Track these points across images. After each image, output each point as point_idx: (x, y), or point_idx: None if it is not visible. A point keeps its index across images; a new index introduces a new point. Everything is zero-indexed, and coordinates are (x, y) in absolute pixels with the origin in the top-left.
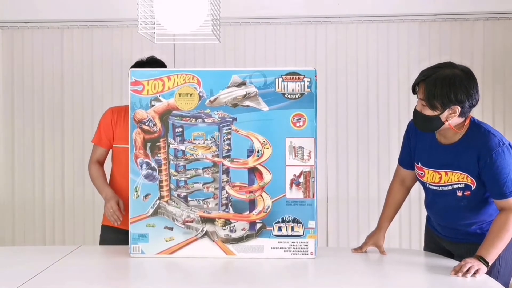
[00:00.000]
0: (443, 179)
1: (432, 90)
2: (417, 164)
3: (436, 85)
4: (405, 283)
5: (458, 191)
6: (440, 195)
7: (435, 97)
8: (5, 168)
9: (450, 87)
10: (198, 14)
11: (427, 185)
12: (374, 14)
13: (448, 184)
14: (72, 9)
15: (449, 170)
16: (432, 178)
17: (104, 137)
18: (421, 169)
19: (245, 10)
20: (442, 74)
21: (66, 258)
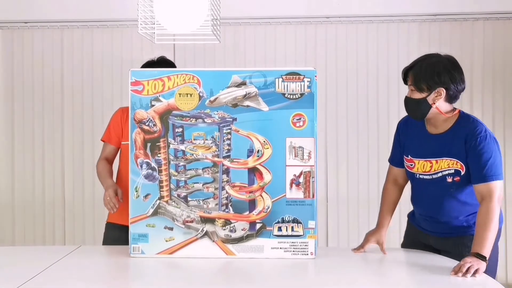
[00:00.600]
0: (433, 167)
1: (419, 74)
2: (406, 157)
3: (422, 69)
4: (406, 283)
5: (448, 177)
6: (430, 184)
7: (421, 80)
8: (5, 168)
9: (434, 69)
10: (198, 14)
11: (417, 175)
12: (374, 14)
13: (439, 171)
14: (72, 9)
15: (439, 158)
16: (423, 167)
17: (114, 135)
18: (411, 161)
19: (245, 10)
20: (428, 60)
21: (66, 258)
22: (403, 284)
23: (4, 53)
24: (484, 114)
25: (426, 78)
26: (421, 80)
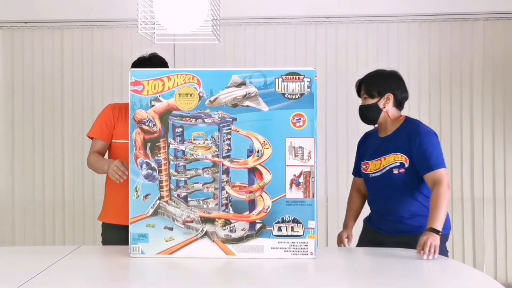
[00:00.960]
0: (382, 163)
1: (370, 83)
2: (363, 162)
3: (372, 79)
4: (406, 283)
5: (394, 169)
6: (380, 181)
7: (372, 88)
8: (5, 168)
9: (382, 78)
10: (198, 14)
11: (370, 175)
12: (374, 14)
13: (386, 166)
14: (72, 9)
15: (387, 155)
16: (374, 166)
17: (106, 130)
18: (366, 164)
19: (245, 10)
20: (376, 72)
21: (66, 258)
22: (403, 283)
23: (4, 53)
24: (484, 114)
25: (376, 85)
26: (372, 88)
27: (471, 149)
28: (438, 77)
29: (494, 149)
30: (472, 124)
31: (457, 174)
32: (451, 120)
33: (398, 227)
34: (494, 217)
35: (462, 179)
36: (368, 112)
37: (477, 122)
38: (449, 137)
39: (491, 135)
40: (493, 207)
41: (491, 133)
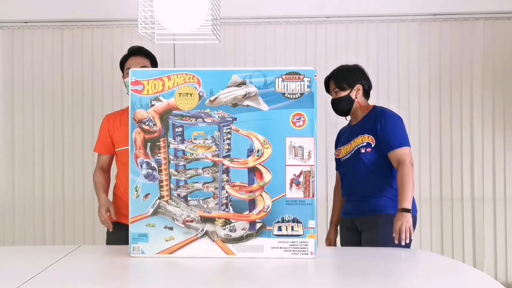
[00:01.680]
0: (352, 146)
1: (339, 77)
2: (335, 150)
3: (340, 73)
4: (406, 282)
5: (362, 148)
6: (350, 162)
7: (342, 81)
8: (5, 168)
9: (349, 71)
10: (198, 14)
11: (342, 159)
12: (374, 14)
13: (355, 147)
14: (72, 9)
15: (355, 138)
16: (345, 151)
17: (104, 144)
18: (338, 151)
19: (245, 10)
20: (341, 67)
21: (66, 258)
22: (403, 283)
23: (4, 53)
24: (484, 114)
25: (345, 78)
26: (341, 81)
27: (471, 149)
28: (438, 76)
29: (494, 148)
30: (472, 123)
31: (457, 174)
32: (451, 120)
33: (364, 206)
34: (494, 217)
35: (462, 179)
36: (341, 104)
37: (477, 122)
38: (449, 137)
39: (491, 135)
40: (493, 207)
41: (491, 133)
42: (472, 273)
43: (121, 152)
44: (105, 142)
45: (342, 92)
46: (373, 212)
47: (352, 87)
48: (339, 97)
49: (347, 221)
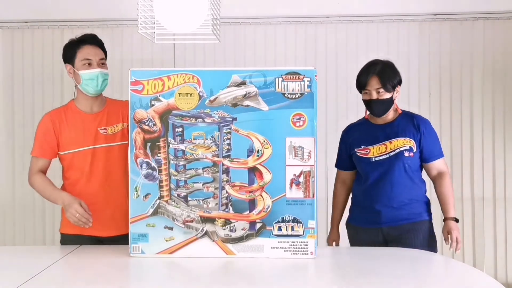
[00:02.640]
0: (388, 147)
1: (385, 77)
2: (359, 148)
3: (387, 72)
4: (406, 282)
5: (405, 151)
6: (385, 163)
7: (389, 82)
8: (5, 168)
9: (393, 72)
10: (198, 13)
11: (373, 159)
12: (374, 14)
13: (396, 149)
14: (72, 9)
15: (393, 139)
16: (378, 150)
17: (47, 147)
18: (366, 149)
19: (245, 10)
20: (383, 65)
21: (66, 258)
22: (403, 283)
23: (4, 53)
24: (484, 114)
25: (392, 80)
26: (388, 82)
27: (471, 149)
28: (438, 76)
29: (494, 148)
30: (472, 123)
31: (457, 174)
32: (451, 120)
33: (399, 214)
34: (494, 217)
35: (462, 179)
36: (383, 106)
37: (477, 122)
38: (449, 137)
39: (491, 135)
40: (493, 207)
41: (491, 133)
42: (472, 273)
43: (70, 155)
44: (49, 143)
45: (387, 93)
46: (408, 220)
47: (395, 88)
48: (383, 99)
49: (371, 231)
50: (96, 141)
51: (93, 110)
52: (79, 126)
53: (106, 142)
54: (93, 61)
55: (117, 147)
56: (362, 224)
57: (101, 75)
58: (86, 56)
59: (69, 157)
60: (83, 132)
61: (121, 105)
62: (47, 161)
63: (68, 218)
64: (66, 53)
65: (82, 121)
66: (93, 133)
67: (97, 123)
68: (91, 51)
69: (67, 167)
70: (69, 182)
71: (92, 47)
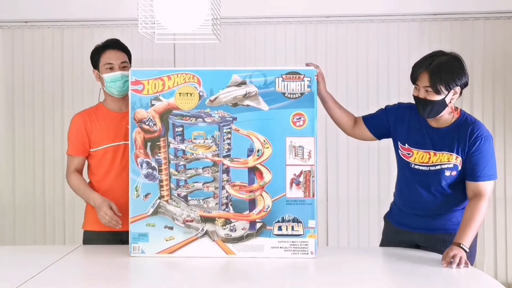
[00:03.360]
0: (431, 159)
1: (437, 76)
2: (403, 145)
3: (440, 71)
4: (405, 282)
5: (446, 170)
6: (424, 175)
7: (440, 82)
8: (5, 168)
9: (451, 70)
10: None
11: (412, 165)
12: (374, 14)
13: (437, 164)
14: (72, 9)
15: (438, 151)
16: (421, 158)
17: (80, 145)
18: (409, 150)
19: (245, 9)
20: (441, 61)
21: (66, 258)
22: (402, 283)
23: (4, 53)
24: (484, 113)
25: (445, 81)
26: (440, 83)
27: None
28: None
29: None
30: None
31: None
32: None
33: (434, 223)
34: (494, 217)
35: None
36: (432, 107)
37: None
38: None
39: None
40: (493, 207)
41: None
42: (472, 273)
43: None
44: (82, 142)
45: (435, 95)
46: (444, 230)
47: (449, 90)
48: (431, 99)
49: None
50: (126, 137)
51: (122, 110)
52: (110, 123)
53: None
54: (114, 64)
55: None
56: (396, 224)
57: (123, 77)
58: (107, 61)
59: (100, 153)
60: (114, 129)
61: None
62: (82, 158)
63: (100, 219)
64: (93, 60)
65: (112, 119)
66: (123, 130)
67: (126, 121)
68: (112, 55)
69: (96, 164)
70: (97, 179)
71: (113, 51)
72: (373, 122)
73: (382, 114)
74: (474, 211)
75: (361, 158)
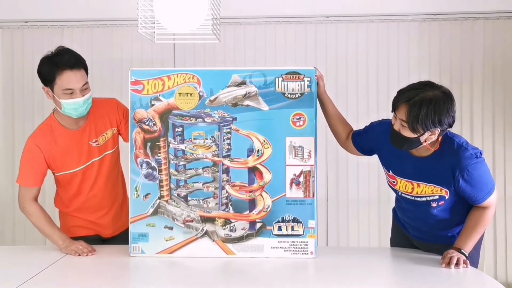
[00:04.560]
0: (415, 190)
1: (416, 113)
2: (388, 172)
3: (420, 109)
4: (405, 282)
5: (432, 202)
6: (413, 204)
7: (418, 121)
8: (5, 168)
9: (434, 111)
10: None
11: (399, 193)
12: (374, 14)
13: (422, 196)
14: (72, 9)
15: (421, 182)
16: (404, 187)
17: (36, 175)
18: (393, 178)
19: (245, 9)
20: (424, 97)
21: (66, 258)
22: (402, 282)
23: (4, 53)
24: (484, 114)
25: (424, 120)
26: (417, 122)
27: None
28: (438, 76)
29: (494, 148)
30: (472, 123)
31: None
32: None
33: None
34: (494, 217)
35: None
36: (403, 142)
37: (477, 122)
38: None
39: (491, 135)
40: None
41: (491, 133)
42: (472, 273)
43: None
44: (38, 172)
45: (410, 132)
46: (442, 242)
47: (427, 130)
48: (405, 136)
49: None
50: (90, 156)
51: (79, 125)
52: (70, 145)
53: (100, 154)
54: (75, 89)
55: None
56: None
57: (85, 103)
58: (67, 86)
59: (67, 177)
60: (77, 151)
61: (106, 110)
62: (37, 188)
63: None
64: (43, 75)
65: (71, 139)
66: (86, 149)
67: (87, 137)
68: (72, 78)
69: (65, 184)
70: (67, 196)
71: (72, 73)
72: (360, 139)
73: (368, 131)
74: (478, 219)
75: (361, 158)
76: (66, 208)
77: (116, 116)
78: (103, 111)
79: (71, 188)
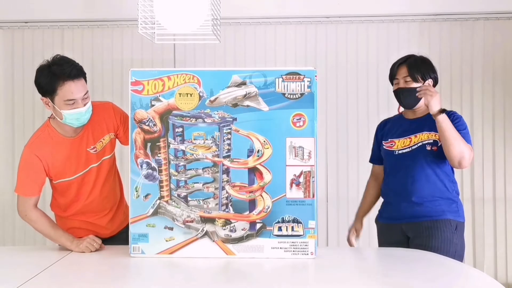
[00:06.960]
0: (413, 141)
1: (414, 66)
2: (386, 141)
3: (416, 62)
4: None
5: (427, 145)
6: (408, 157)
7: (417, 71)
8: (5, 168)
9: (425, 65)
10: (198, 14)
11: (396, 152)
12: (374, 14)
13: (418, 143)
14: (72, 9)
15: (418, 133)
16: (402, 144)
17: (35, 184)
18: (391, 141)
19: (245, 10)
20: (415, 57)
21: (66, 258)
22: (402, 282)
23: (4, 53)
24: (484, 114)
25: (421, 71)
26: (417, 72)
27: None
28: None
29: (494, 148)
30: (472, 124)
31: (457, 173)
32: None
33: (417, 211)
34: (494, 217)
35: (462, 179)
36: (410, 94)
37: (477, 122)
38: None
39: (491, 135)
40: (493, 207)
41: (491, 133)
42: (472, 273)
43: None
44: (37, 181)
45: (414, 83)
46: (429, 217)
47: (424, 79)
48: (410, 87)
49: (393, 227)
50: (88, 162)
51: (77, 132)
52: (69, 153)
53: (98, 160)
54: (77, 99)
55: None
56: (385, 220)
57: (87, 112)
58: (69, 97)
59: (65, 184)
60: (75, 158)
61: (102, 115)
62: (37, 197)
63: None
64: (43, 86)
65: (68, 147)
66: (84, 156)
67: (85, 144)
68: (74, 89)
69: (62, 191)
70: (65, 202)
71: (74, 83)
72: (375, 157)
73: (375, 143)
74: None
75: (361, 158)
76: (63, 213)
77: (113, 121)
78: (100, 117)
79: (69, 194)
